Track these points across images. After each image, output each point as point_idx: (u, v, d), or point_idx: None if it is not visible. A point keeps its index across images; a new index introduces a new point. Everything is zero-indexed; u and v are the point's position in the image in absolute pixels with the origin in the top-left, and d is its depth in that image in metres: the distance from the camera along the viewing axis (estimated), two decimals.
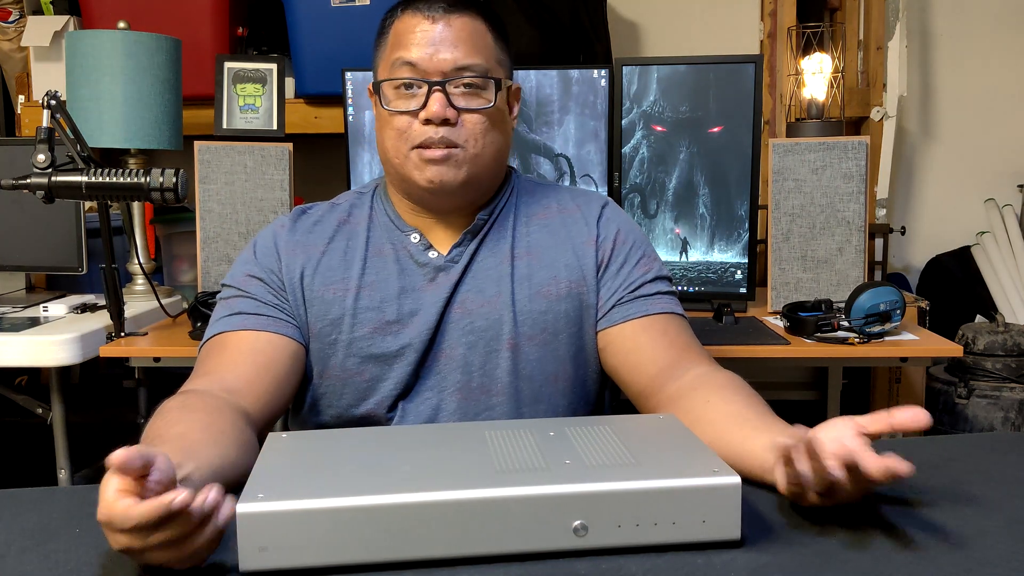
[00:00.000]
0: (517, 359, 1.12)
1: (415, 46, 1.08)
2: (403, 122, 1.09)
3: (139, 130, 2.01)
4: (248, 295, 1.12)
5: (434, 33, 1.08)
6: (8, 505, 0.90)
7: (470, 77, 1.08)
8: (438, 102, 1.07)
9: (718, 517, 0.74)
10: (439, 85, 1.07)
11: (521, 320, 1.12)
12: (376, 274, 1.13)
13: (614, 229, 1.18)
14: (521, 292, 1.13)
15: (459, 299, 1.12)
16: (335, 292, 1.12)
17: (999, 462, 0.99)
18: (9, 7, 2.62)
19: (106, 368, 2.15)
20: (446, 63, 1.07)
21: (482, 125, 1.10)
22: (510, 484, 0.73)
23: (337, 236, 1.16)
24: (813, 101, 2.10)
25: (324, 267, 1.13)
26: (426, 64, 1.07)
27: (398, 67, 1.09)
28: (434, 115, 1.06)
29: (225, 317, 1.10)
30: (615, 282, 1.15)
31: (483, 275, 1.13)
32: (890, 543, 0.77)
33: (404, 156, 1.10)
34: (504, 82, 1.13)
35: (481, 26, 1.11)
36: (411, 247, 1.14)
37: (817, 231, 1.93)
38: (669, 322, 1.13)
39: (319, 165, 2.62)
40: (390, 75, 1.10)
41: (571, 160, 2.07)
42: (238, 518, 0.70)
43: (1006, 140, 2.92)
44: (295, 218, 1.18)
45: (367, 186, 1.24)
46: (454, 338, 1.12)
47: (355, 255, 1.14)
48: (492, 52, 1.12)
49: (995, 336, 2.35)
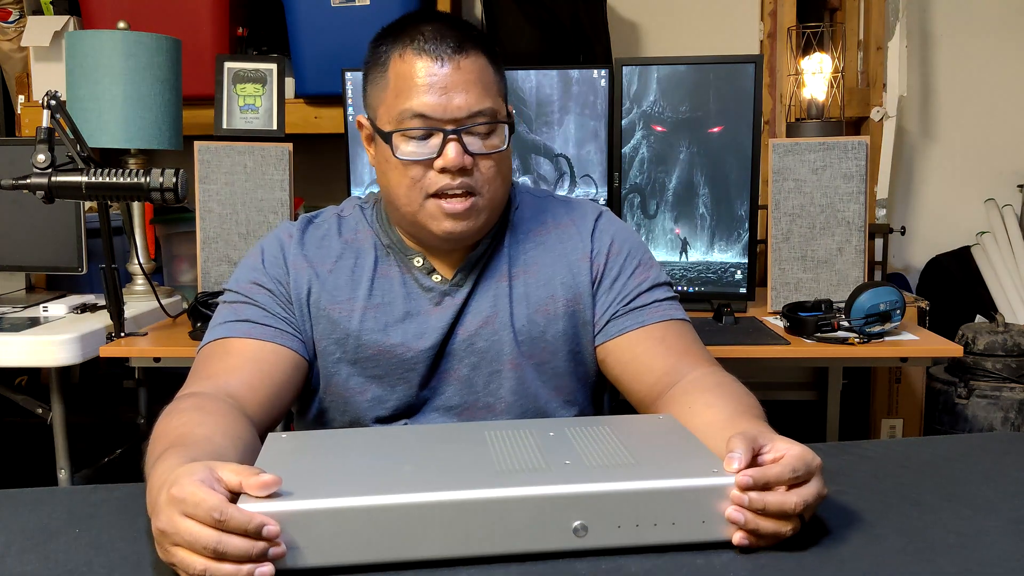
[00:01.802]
0: (519, 378, 1.12)
1: (426, 94, 1.03)
2: (417, 171, 1.05)
3: (139, 130, 2.01)
4: (255, 303, 1.10)
5: (444, 78, 1.03)
6: (8, 505, 0.90)
7: (483, 123, 1.05)
8: (454, 151, 1.03)
9: (718, 517, 0.74)
10: (454, 134, 1.03)
11: (521, 340, 1.12)
12: (382, 296, 1.12)
13: (607, 241, 1.17)
14: (519, 311, 1.13)
15: (462, 321, 1.12)
16: (341, 312, 1.11)
17: (999, 462, 0.99)
18: (9, 7, 2.62)
19: (106, 368, 2.14)
20: (460, 110, 1.03)
21: (495, 169, 1.08)
22: (510, 484, 0.73)
23: (345, 254, 1.14)
24: (813, 101, 2.10)
25: (331, 285, 1.12)
26: (439, 113, 1.03)
27: (408, 118, 1.04)
28: (452, 163, 1.03)
29: (230, 322, 1.09)
30: (609, 296, 1.14)
31: (483, 296, 1.13)
32: (889, 543, 0.77)
33: (419, 205, 1.07)
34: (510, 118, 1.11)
35: (485, 63, 1.07)
36: (415, 271, 1.13)
37: (817, 231, 1.93)
38: (667, 329, 1.13)
39: (319, 165, 2.62)
40: (399, 126, 1.04)
41: (571, 160, 2.07)
42: None
43: (1006, 140, 2.92)
44: (303, 229, 1.16)
45: (367, 201, 1.20)
46: (457, 359, 1.12)
47: (363, 275, 1.13)
48: (497, 89, 1.09)
49: (995, 336, 2.35)
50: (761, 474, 0.74)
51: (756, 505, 0.73)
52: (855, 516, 0.83)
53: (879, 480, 0.93)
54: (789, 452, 0.77)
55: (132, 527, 0.83)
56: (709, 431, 0.89)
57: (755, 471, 0.74)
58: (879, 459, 1.01)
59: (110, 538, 0.81)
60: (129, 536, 0.81)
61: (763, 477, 0.74)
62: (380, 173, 1.11)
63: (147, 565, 0.75)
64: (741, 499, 0.73)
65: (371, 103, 1.10)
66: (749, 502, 0.73)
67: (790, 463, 0.75)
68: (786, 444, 0.78)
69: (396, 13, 1.16)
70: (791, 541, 0.76)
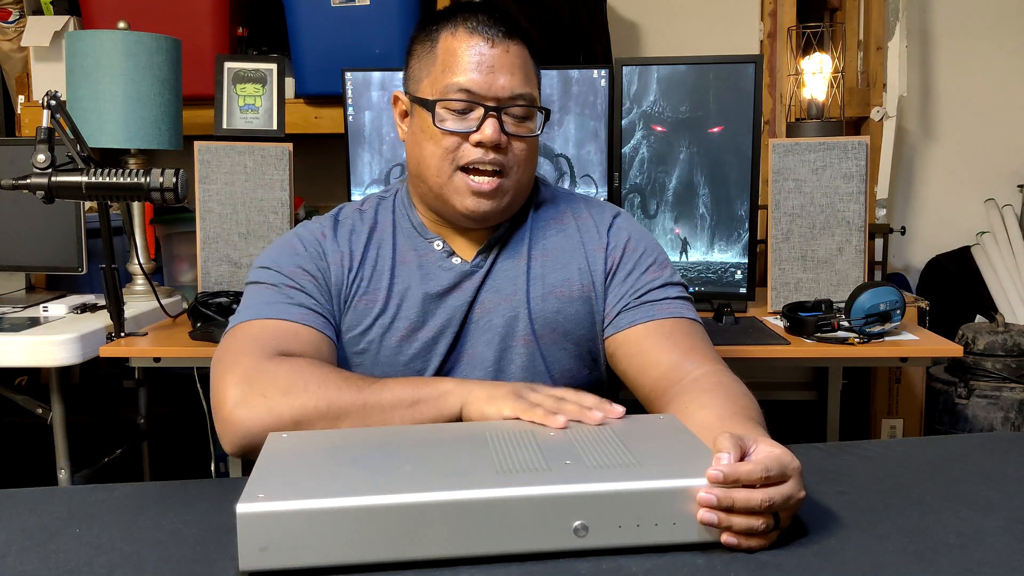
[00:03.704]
0: (530, 355, 1.14)
1: (474, 71, 1.08)
2: (452, 142, 1.09)
3: (139, 130, 2.01)
4: (303, 290, 1.11)
5: (492, 57, 1.08)
6: (8, 505, 0.90)
7: (523, 106, 1.10)
8: (492, 127, 1.08)
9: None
10: (495, 111, 1.08)
11: (535, 318, 1.14)
12: (403, 283, 1.15)
13: (624, 237, 1.20)
14: (536, 291, 1.15)
15: (480, 300, 1.15)
16: (367, 303, 1.14)
17: (999, 462, 0.99)
18: (9, 7, 2.62)
19: (106, 368, 2.14)
20: (504, 90, 1.08)
21: (525, 152, 1.13)
22: (511, 484, 0.73)
23: (370, 246, 1.17)
24: (813, 101, 2.10)
25: (359, 278, 1.15)
26: (484, 89, 1.08)
27: (454, 90, 1.08)
28: (488, 139, 1.08)
29: (285, 304, 1.08)
30: (622, 288, 1.16)
31: (502, 275, 1.16)
32: (890, 543, 0.77)
33: (447, 177, 1.10)
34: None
35: (528, 54, 1.12)
36: (434, 254, 1.16)
37: (817, 231, 1.93)
38: (676, 326, 1.13)
39: (319, 165, 2.62)
40: (444, 95, 1.09)
41: (571, 160, 2.07)
42: (238, 518, 0.70)
43: (1006, 140, 2.92)
44: (332, 226, 1.18)
45: (388, 190, 1.24)
46: (475, 337, 1.14)
47: (384, 265, 1.16)
48: (536, 80, 1.14)
49: (995, 336, 2.35)
50: (732, 471, 0.74)
51: (724, 503, 0.74)
52: (855, 516, 0.83)
53: (879, 480, 0.93)
54: (768, 453, 0.77)
55: (132, 527, 0.83)
56: (701, 432, 0.90)
57: (726, 467, 0.74)
58: (879, 459, 1.01)
59: (110, 538, 0.81)
60: (129, 536, 0.81)
61: (734, 474, 0.74)
62: (413, 144, 1.14)
63: (147, 565, 0.75)
64: (709, 499, 0.74)
65: (414, 76, 1.14)
66: (717, 500, 0.74)
67: (764, 462, 0.76)
68: (769, 446, 0.79)
69: (396, 13, 1.17)
70: (791, 541, 0.77)
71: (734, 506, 0.74)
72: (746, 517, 0.74)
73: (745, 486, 0.74)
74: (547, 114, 1.14)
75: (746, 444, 0.79)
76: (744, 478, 0.74)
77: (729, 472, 0.74)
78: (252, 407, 0.95)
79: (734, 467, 0.75)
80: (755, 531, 0.74)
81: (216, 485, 0.96)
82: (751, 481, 0.74)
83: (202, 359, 1.73)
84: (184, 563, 0.75)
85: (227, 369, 0.99)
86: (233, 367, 0.99)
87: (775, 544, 0.76)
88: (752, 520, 0.74)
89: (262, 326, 1.06)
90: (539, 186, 1.24)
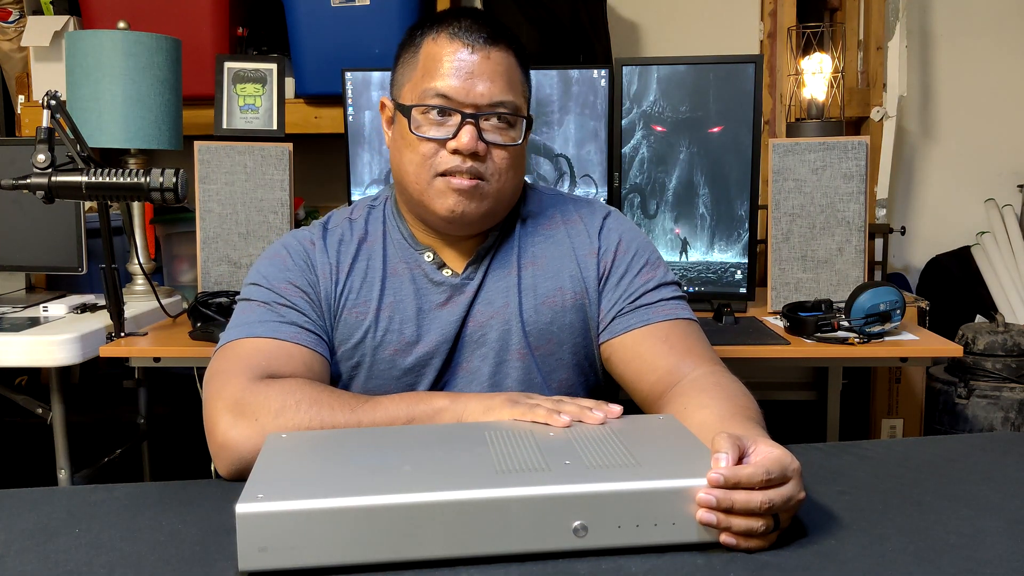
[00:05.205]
0: (525, 369, 1.13)
1: (451, 76, 1.06)
2: (429, 149, 1.08)
3: (139, 130, 2.01)
4: (294, 307, 1.10)
5: (471, 64, 1.07)
6: (8, 505, 0.90)
7: (502, 113, 1.08)
8: (469, 134, 1.06)
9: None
10: (472, 118, 1.06)
11: (528, 330, 1.13)
12: (394, 295, 1.14)
13: (615, 239, 1.18)
14: (528, 302, 1.14)
15: (473, 314, 1.13)
16: (357, 315, 1.13)
17: (999, 462, 0.99)
18: (9, 7, 2.62)
19: (106, 368, 2.14)
20: (482, 97, 1.07)
21: (506, 161, 1.10)
22: (510, 484, 0.73)
23: (359, 257, 1.15)
24: (813, 101, 2.10)
25: (348, 290, 1.14)
26: (461, 96, 1.06)
27: (431, 96, 1.07)
28: (464, 147, 1.06)
29: (277, 323, 1.08)
30: (615, 293, 1.15)
31: (493, 288, 1.14)
32: (890, 543, 0.77)
33: (426, 183, 1.09)
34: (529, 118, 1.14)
35: (514, 61, 1.11)
36: (425, 266, 1.15)
37: (817, 231, 1.93)
38: (672, 328, 1.13)
39: (319, 165, 2.62)
40: (421, 101, 1.08)
41: (571, 160, 2.07)
42: (238, 518, 0.70)
43: (1006, 140, 2.92)
44: (322, 235, 1.17)
45: (378, 198, 1.22)
46: (470, 351, 1.13)
47: (375, 276, 1.14)
48: (521, 88, 1.12)
49: (995, 336, 2.35)
50: (733, 473, 0.74)
51: (723, 504, 0.73)
52: (855, 516, 0.83)
53: (879, 480, 0.93)
54: (768, 454, 0.77)
55: (132, 527, 0.83)
56: (700, 432, 0.89)
57: (727, 469, 0.74)
58: (879, 459, 1.01)
59: (110, 538, 0.81)
60: (129, 536, 0.81)
61: (735, 476, 0.74)
62: (395, 151, 1.13)
63: (147, 565, 0.75)
64: (709, 500, 0.74)
65: (397, 82, 1.14)
66: (716, 501, 0.73)
67: (764, 464, 0.76)
68: (768, 447, 0.79)
69: (396, 13, 1.17)
70: (791, 541, 0.76)
71: (734, 507, 0.74)
72: (746, 518, 0.74)
73: (746, 488, 0.74)
74: (530, 122, 1.12)
75: (744, 444, 0.79)
76: (745, 481, 0.74)
77: (730, 475, 0.74)
78: (245, 431, 0.95)
79: (735, 470, 0.74)
80: (755, 532, 0.74)
81: (216, 485, 0.96)
82: (752, 484, 0.74)
83: (202, 359, 1.73)
84: (184, 563, 0.75)
85: (218, 392, 0.99)
86: (224, 390, 0.99)
87: (775, 544, 0.76)
88: (752, 521, 0.74)
89: (254, 345, 1.05)
90: (527, 193, 1.22)
